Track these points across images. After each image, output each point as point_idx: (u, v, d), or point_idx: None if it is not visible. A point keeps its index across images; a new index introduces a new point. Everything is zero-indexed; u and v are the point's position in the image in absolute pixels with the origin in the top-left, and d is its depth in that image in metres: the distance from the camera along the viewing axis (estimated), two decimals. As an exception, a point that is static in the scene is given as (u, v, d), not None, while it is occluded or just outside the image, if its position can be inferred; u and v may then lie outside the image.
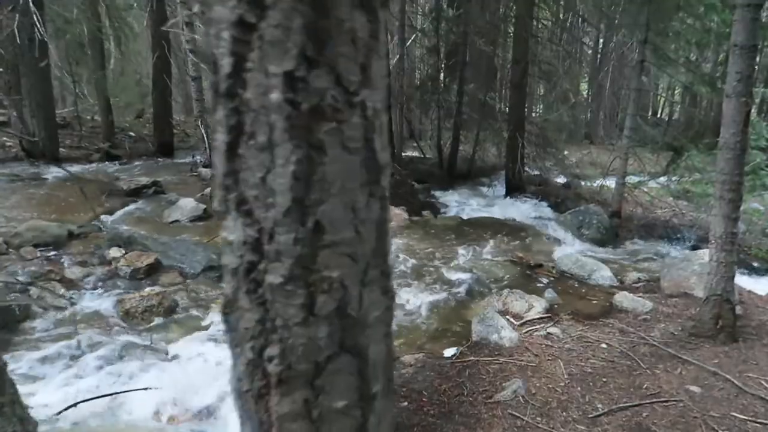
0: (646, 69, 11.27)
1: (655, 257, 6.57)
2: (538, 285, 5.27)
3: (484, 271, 5.58)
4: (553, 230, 7.30)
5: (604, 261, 6.23)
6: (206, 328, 4.10)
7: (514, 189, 10.74)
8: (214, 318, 4.19)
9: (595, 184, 10.90)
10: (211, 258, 5.17)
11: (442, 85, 13.38)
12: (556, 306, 4.72)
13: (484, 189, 11.74)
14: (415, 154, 15.71)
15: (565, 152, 16.30)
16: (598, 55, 19.01)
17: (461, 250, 6.37)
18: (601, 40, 17.64)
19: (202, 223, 6.62)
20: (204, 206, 6.84)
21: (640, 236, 7.40)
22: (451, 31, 12.85)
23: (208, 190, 7.77)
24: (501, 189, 11.20)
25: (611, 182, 8.50)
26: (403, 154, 16.33)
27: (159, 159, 11.56)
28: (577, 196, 9.99)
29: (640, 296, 4.74)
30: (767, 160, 7.22)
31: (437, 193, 10.71)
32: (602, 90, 17.20)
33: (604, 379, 3.31)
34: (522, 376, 3.31)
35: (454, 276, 5.45)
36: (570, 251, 6.67)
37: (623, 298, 4.63)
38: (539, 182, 11.99)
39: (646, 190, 9.61)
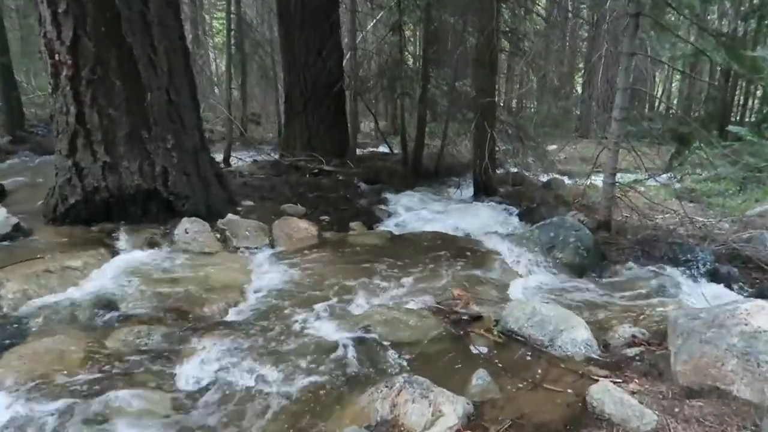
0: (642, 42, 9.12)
1: (658, 293, 4.43)
2: (467, 359, 3.13)
3: (390, 327, 3.44)
4: (515, 251, 5.14)
5: (581, 303, 4.10)
6: None
7: (483, 190, 8.61)
8: None
9: (581, 183, 8.78)
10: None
11: (405, 69, 11.19)
12: (486, 409, 2.61)
13: (452, 190, 9.61)
14: (385, 149, 13.61)
15: (552, 146, 14.19)
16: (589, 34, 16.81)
17: (370, 287, 4.24)
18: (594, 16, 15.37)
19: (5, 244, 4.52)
20: (17, 221, 4.73)
21: (636, 257, 5.25)
22: (416, 3, 10.70)
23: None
24: (470, 190, 9.09)
25: (600, 180, 6.38)
26: (367, 150, 14.29)
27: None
28: (557, 199, 7.84)
29: (634, 390, 2.62)
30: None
31: (390, 196, 8.58)
32: (594, 76, 15.00)
33: None
34: None
35: (337, 336, 3.32)
36: (533, 284, 4.54)
37: (605, 396, 2.50)
38: (515, 181, 9.86)
39: (643, 190, 7.46)
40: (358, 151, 13.80)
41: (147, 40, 5.12)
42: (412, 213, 7.28)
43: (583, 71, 21.33)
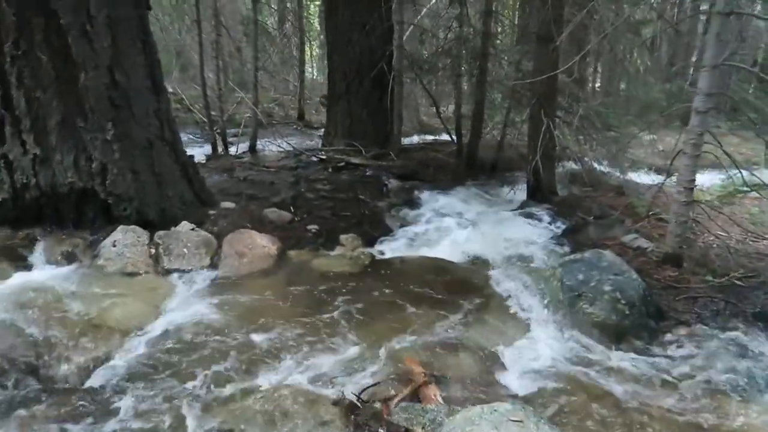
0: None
1: (739, 388, 2.78)
2: None
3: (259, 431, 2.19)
4: (528, 297, 3.60)
5: (604, 401, 2.58)
6: None
7: (537, 193, 6.92)
8: None
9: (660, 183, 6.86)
10: None
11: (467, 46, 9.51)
12: None
13: (505, 190, 7.98)
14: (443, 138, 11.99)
15: (647, 136, 11.84)
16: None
17: (294, 350, 2.97)
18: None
19: None
20: None
21: (714, 314, 3.52)
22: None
23: None
24: (525, 191, 7.42)
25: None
26: (431, 137, 12.78)
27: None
28: (627, 209, 5.99)
29: None
30: None
31: (425, 195, 7.17)
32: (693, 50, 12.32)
33: None
34: None
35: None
36: (539, 355, 3.02)
37: None
38: (587, 181, 7.95)
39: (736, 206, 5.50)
40: (418, 140, 12.42)
41: (81, 7, 4.11)
42: (435, 221, 5.83)
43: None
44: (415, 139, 12.35)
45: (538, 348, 3.14)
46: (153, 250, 4.08)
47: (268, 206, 5.33)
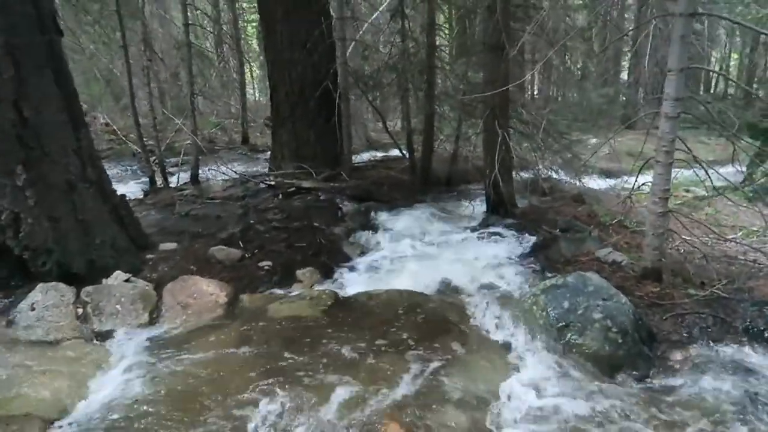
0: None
1: (741, 413, 2.50)
2: None
3: None
4: (510, 327, 3.25)
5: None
6: None
7: (497, 206, 6.66)
8: None
9: (623, 190, 6.70)
10: None
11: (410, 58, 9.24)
12: None
13: (464, 204, 7.70)
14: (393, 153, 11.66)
15: (594, 140, 11.93)
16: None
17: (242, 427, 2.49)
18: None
19: None
20: None
21: (704, 331, 3.28)
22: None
23: None
24: (484, 204, 7.14)
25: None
26: (381, 154, 12.47)
27: None
28: (591, 218, 5.80)
29: None
30: None
31: (382, 217, 6.79)
32: (641, 57, 12.59)
33: None
34: None
35: None
36: (528, 397, 2.67)
37: None
38: (544, 189, 7.79)
39: (707, 210, 5.39)
40: (368, 157, 12.07)
41: (-27, 34, 3.53)
42: (396, 246, 5.45)
43: (631, 48, 18.70)
44: (365, 156, 12.01)
45: (530, 390, 2.78)
46: (80, 310, 3.49)
47: (215, 244, 4.80)
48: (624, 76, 20.30)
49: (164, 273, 4.16)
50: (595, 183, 9.71)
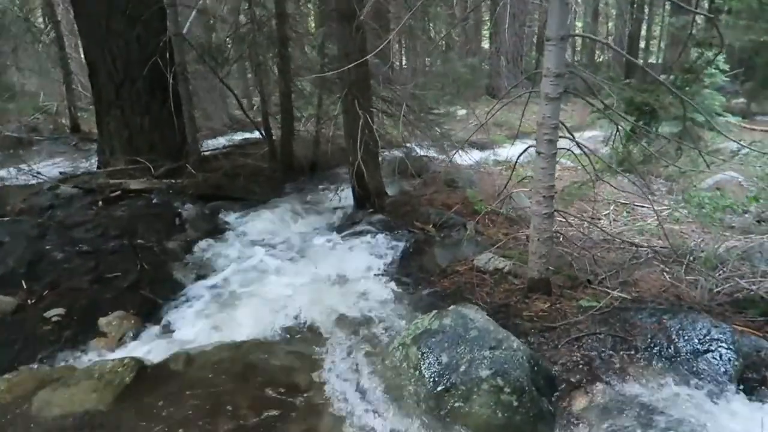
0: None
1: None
2: None
3: None
4: (376, 397, 2.43)
5: None
6: None
7: (364, 200, 5.82)
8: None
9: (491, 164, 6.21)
10: None
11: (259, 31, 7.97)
12: None
13: (329, 195, 6.79)
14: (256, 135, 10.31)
15: (462, 111, 11.55)
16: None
17: None
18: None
19: None
20: None
21: (607, 362, 2.70)
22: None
23: None
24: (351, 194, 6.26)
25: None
26: (240, 137, 11.11)
27: None
28: (465, 206, 5.17)
29: None
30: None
31: (233, 219, 5.69)
32: (500, 26, 12.37)
33: None
34: None
35: None
36: None
37: None
38: (415, 170, 7.04)
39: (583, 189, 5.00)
40: (225, 142, 10.63)
41: None
42: (245, 260, 4.41)
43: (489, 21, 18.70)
44: (223, 141, 10.57)
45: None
46: None
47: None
48: (486, 45, 20.35)
49: None
50: (465, 158, 9.27)
